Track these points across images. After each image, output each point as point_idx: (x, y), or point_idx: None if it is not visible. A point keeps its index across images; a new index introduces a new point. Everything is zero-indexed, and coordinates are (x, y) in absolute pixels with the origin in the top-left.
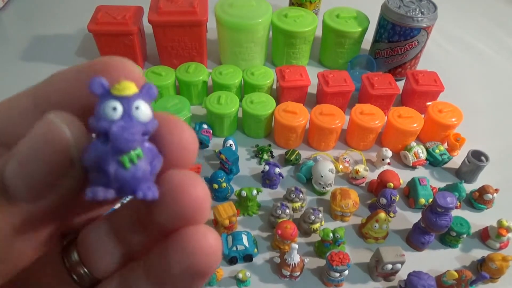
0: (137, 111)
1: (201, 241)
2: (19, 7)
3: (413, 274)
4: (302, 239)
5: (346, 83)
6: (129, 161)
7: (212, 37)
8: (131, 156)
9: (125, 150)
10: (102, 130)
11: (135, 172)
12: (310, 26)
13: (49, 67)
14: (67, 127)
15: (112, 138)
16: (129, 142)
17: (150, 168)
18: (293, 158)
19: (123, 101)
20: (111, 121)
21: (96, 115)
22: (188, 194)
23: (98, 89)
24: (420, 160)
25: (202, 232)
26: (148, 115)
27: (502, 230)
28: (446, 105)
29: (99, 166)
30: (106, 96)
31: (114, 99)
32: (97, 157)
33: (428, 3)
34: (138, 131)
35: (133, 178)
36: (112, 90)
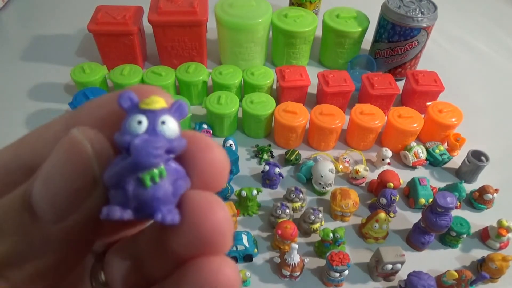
0: (162, 126)
1: (215, 274)
2: (19, 7)
3: (413, 274)
4: (302, 239)
5: (346, 83)
6: (150, 179)
7: (212, 37)
8: (153, 174)
9: (146, 166)
10: (125, 145)
11: (155, 192)
12: (310, 26)
13: (49, 67)
14: (88, 142)
15: (133, 151)
16: (152, 157)
17: (172, 189)
18: (293, 158)
19: (149, 115)
20: (135, 135)
21: (121, 130)
22: (208, 219)
23: (126, 103)
24: (420, 160)
25: (217, 264)
26: (175, 131)
27: (502, 230)
28: (446, 105)
29: (118, 184)
30: (133, 110)
31: (140, 113)
32: (117, 173)
33: (428, 3)
34: (162, 146)
35: (153, 198)
36: (140, 104)
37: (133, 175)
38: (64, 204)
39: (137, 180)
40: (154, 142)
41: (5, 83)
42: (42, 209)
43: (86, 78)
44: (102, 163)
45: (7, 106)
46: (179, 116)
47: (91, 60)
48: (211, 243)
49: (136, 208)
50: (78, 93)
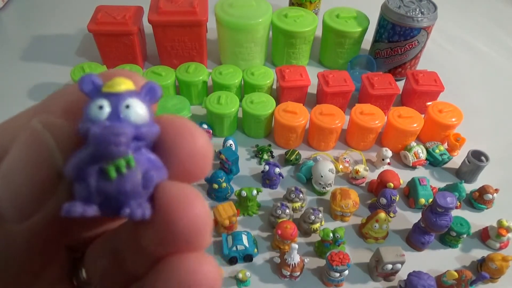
0: (127, 110)
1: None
2: (19, 7)
3: (413, 274)
4: (302, 239)
5: (346, 83)
6: (115, 170)
7: (212, 37)
8: (118, 164)
9: (108, 156)
10: (85, 133)
11: (121, 184)
12: (310, 26)
13: (49, 67)
14: (50, 133)
15: (91, 140)
16: (112, 145)
17: (143, 180)
18: (293, 158)
19: (112, 99)
20: (95, 121)
21: (83, 117)
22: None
23: (88, 87)
24: (420, 160)
25: (194, 261)
26: (143, 116)
27: (502, 230)
28: (446, 105)
29: (79, 177)
30: (95, 94)
31: (102, 97)
32: (78, 165)
33: (428, 3)
34: (126, 133)
35: (119, 191)
36: (103, 87)
37: (96, 167)
38: (27, 201)
39: (100, 171)
40: (116, 128)
41: (5, 83)
42: (3, 208)
43: None
44: (66, 155)
45: (7, 106)
46: (150, 99)
47: (91, 60)
48: (187, 240)
49: (102, 203)
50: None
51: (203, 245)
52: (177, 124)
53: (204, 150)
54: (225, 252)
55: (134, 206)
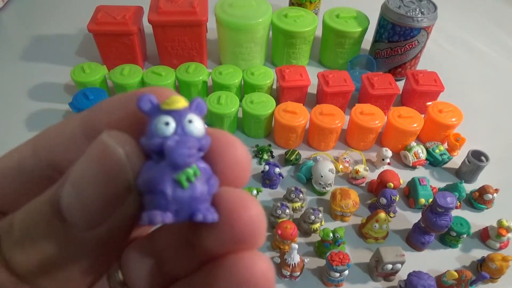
0: (190, 125)
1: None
2: (19, 7)
3: (413, 274)
4: (302, 239)
5: (346, 83)
6: (186, 179)
7: (212, 37)
8: (188, 174)
9: (182, 167)
10: (156, 148)
11: (193, 192)
12: (310, 26)
13: (49, 67)
14: (120, 147)
15: (167, 153)
16: (186, 157)
17: (207, 187)
18: (293, 158)
19: (175, 115)
20: (165, 136)
21: (148, 133)
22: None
23: (147, 105)
24: (420, 160)
25: (251, 259)
26: (202, 129)
27: (502, 230)
28: (446, 105)
29: (154, 188)
30: (156, 112)
31: (165, 114)
32: (151, 178)
33: (428, 3)
34: (194, 146)
35: (191, 198)
36: (162, 105)
37: (169, 177)
38: (96, 212)
39: (173, 182)
40: (187, 142)
41: (5, 83)
42: (73, 216)
43: (86, 78)
44: (135, 168)
45: (7, 106)
46: (199, 113)
47: (91, 60)
48: (245, 240)
49: (176, 210)
50: (78, 93)
51: (259, 243)
52: (221, 136)
53: (245, 160)
54: None
55: (204, 211)
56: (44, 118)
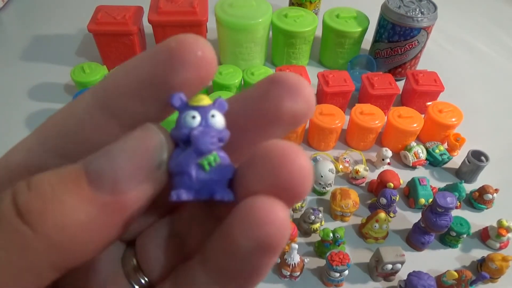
0: (213, 119)
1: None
2: (19, 7)
3: (413, 274)
4: (302, 239)
5: (346, 83)
6: (207, 164)
7: (212, 37)
8: (209, 160)
9: (205, 152)
10: (184, 137)
11: (213, 175)
12: (310, 26)
13: (49, 67)
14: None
15: (193, 141)
16: (209, 144)
17: (225, 172)
18: None
19: (201, 111)
20: (191, 127)
21: (177, 125)
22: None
23: (177, 102)
24: (420, 160)
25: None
26: (222, 123)
27: (502, 230)
28: (446, 105)
29: (182, 170)
30: (185, 108)
31: (192, 109)
32: (179, 161)
33: (428, 3)
34: (216, 135)
35: (211, 180)
36: (190, 102)
37: (194, 161)
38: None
39: (197, 165)
40: (210, 132)
41: (5, 83)
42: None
43: (86, 78)
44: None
45: (7, 106)
46: (221, 110)
47: (91, 60)
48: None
49: (197, 190)
50: (78, 93)
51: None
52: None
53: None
54: None
55: (222, 192)
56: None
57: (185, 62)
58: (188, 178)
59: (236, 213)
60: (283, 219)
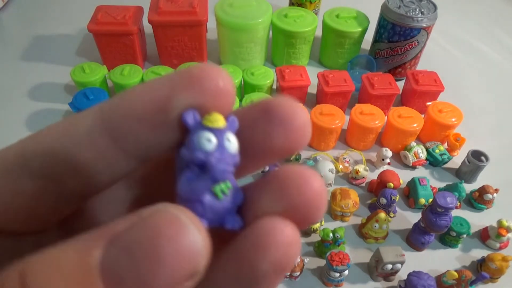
0: (228, 144)
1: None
2: (19, 7)
3: (413, 274)
4: (302, 239)
5: (346, 83)
6: (221, 192)
7: (212, 37)
8: (222, 188)
9: (220, 181)
10: (199, 161)
11: (225, 203)
12: (310, 26)
13: (49, 67)
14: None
15: (211, 168)
16: (225, 172)
17: (234, 200)
18: (293, 158)
19: (217, 133)
20: (207, 152)
21: (190, 146)
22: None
23: (191, 120)
24: (420, 160)
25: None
26: (236, 147)
27: (502, 230)
28: (446, 105)
29: (194, 197)
30: (198, 127)
31: (208, 131)
32: (193, 188)
33: (428, 3)
34: (231, 162)
35: (224, 208)
36: (204, 121)
37: (208, 189)
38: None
39: (211, 193)
40: (226, 158)
41: (5, 83)
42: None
43: (86, 78)
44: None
45: (7, 106)
46: (234, 130)
47: (91, 60)
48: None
49: (210, 218)
50: (78, 93)
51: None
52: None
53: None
54: None
55: (233, 221)
56: (44, 118)
57: (205, 90)
58: (201, 205)
59: (251, 237)
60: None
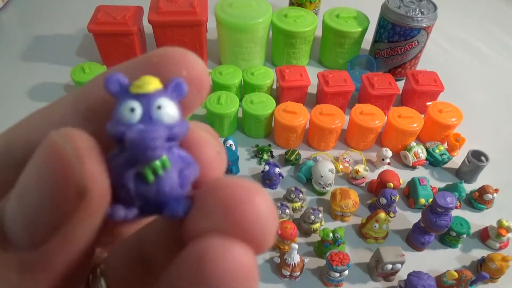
0: (159, 112)
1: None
2: (19, 7)
3: (413, 274)
4: (302, 239)
5: (346, 83)
6: (152, 173)
7: (212, 37)
8: (154, 167)
9: (145, 160)
10: (119, 136)
11: (160, 186)
12: (310, 26)
13: (49, 67)
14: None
15: (129, 145)
16: (150, 150)
17: (179, 179)
18: (293, 158)
19: (143, 100)
20: (129, 125)
21: (113, 119)
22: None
23: (114, 87)
24: (420, 160)
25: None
26: (173, 115)
27: (502, 230)
28: (446, 105)
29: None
30: (124, 95)
31: (132, 99)
32: (115, 170)
33: (428, 3)
34: (161, 136)
35: (158, 193)
36: (131, 87)
37: (133, 171)
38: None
39: (137, 175)
40: (152, 132)
41: (5, 83)
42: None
43: (86, 78)
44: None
45: (7, 106)
46: (177, 96)
47: (91, 60)
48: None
49: (142, 206)
50: None
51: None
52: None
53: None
54: None
55: (174, 207)
56: None
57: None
58: (127, 192)
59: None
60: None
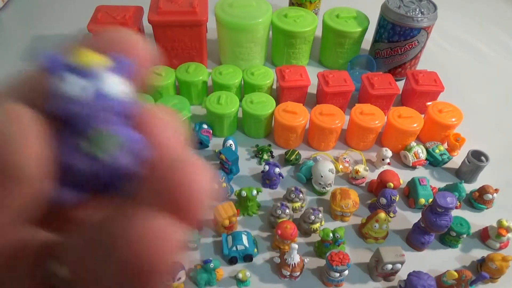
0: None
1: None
2: (19, 7)
3: (413, 274)
4: (302, 239)
5: (346, 83)
6: (101, 150)
7: (212, 37)
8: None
9: (93, 136)
10: (60, 113)
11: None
12: (310, 26)
13: None
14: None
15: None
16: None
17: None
18: (293, 158)
19: (84, 74)
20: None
21: (53, 96)
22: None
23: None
24: (420, 160)
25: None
26: (120, 90)
27: (502, 230)
28: (446, 105)
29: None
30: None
31: (72, 73)
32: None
33: (428, 3)
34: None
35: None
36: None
37: (80, 148)
38: None
39: (85, 153)
40: (98, 106)
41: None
42: None
43: None
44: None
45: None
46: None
47: None
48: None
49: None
50: None
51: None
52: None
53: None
54: (225, 252)
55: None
56: None
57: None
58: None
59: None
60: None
